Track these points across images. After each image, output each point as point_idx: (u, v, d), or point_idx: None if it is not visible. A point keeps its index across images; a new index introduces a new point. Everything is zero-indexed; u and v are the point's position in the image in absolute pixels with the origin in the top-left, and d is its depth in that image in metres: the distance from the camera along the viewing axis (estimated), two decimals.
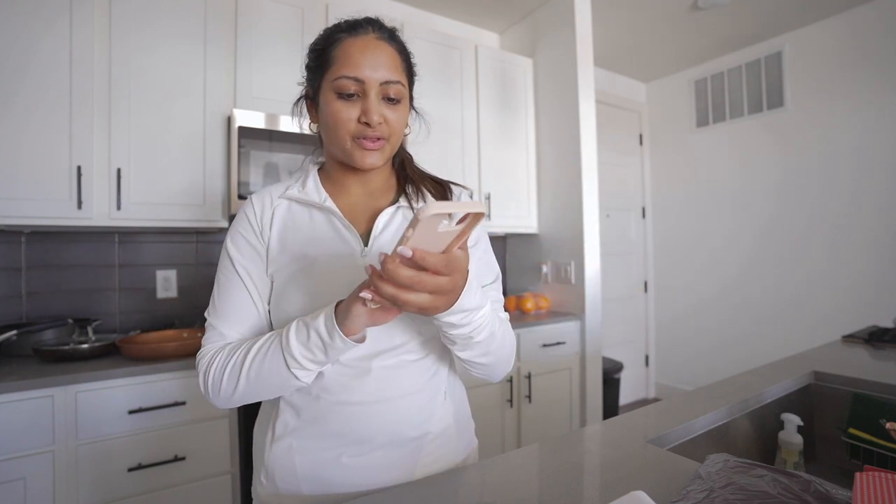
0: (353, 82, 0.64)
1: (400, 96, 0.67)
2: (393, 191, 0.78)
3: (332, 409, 0.66)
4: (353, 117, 0.65)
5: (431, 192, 0.77)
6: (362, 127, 0.65)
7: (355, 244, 0.69)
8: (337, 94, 0.65)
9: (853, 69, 2.63)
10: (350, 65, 0.64)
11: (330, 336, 0.55)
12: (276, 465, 0.68)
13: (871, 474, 0.54)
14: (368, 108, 0.64)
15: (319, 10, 1.95)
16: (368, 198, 0.75)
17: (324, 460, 0.66)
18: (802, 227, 2.85)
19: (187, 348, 1.49)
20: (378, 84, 0.65)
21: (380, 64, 0.65)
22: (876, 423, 0.94)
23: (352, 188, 0.74)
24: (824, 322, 2.71)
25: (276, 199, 0.72)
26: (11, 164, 1.42)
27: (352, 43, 0.65)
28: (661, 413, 0.89)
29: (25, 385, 1.23)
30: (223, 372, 0.63)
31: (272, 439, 0.69)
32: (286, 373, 0.59)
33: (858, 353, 1.34)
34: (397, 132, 0.69)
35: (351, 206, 0.73)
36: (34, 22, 1.45)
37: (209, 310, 0.70)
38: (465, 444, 0.78)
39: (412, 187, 0.76)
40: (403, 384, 0.68)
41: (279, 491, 0.68)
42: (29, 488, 1.23)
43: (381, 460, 0.67)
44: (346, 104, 0.65)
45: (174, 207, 1.67)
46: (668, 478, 0.61)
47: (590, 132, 2.41)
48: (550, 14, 2.52)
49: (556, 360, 2.28)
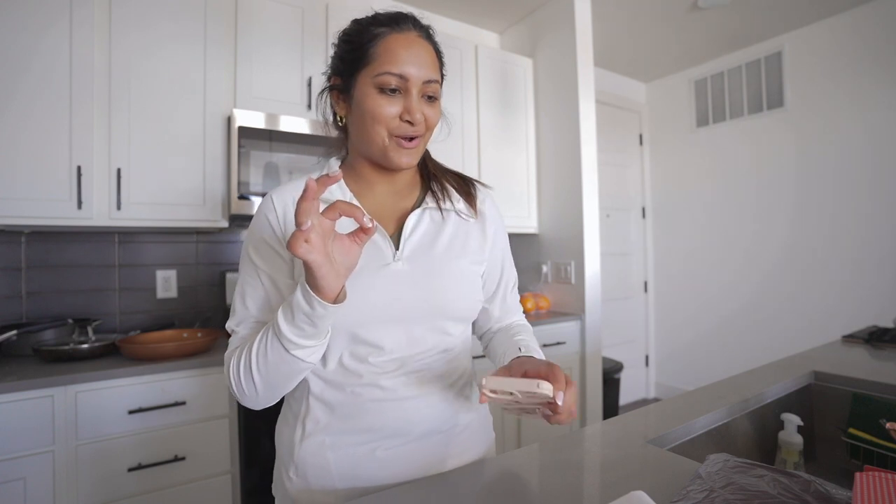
0: (396, 79, 0.63)
1: (437, 95, 0.68)
2: (417, 188, 0.76)
3: (367, 406, 0.66)
4: (394, 114, 0.64)
5: (455, 186, 0.77)
6: (403, 125, 0.65)
7: (387, 248, 0.68)
8: (378, 89, 0.63)
9: (853, 69, 2.62)
10: (395, 61, 0.63)
11: (310, 305, 0.53)
12: (307, 462, 0.67)
13: (871, 474, 0.54)
14: (411, 106, 0.64)
15: (319, 10, 1.95)
16: (395, 197, 0.74)
17: (358, 455, 0.67)
18: (802, 227, 2.85)
19: (187, 348, 1.49)
20: (421, 82, 0.64)
21: (423, 62, 0.65)
22: (876, 423, 0.94)
23: (377, 186, 0.73)
24: (824, 322, 2.71)
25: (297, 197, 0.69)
26: (11, 164, 1.42)
27: (396, 39, 0.64)
28: (661, 413, 0.89)
29: (25, 385, 1.23)
30: (240, 373, 0.61)
31: (302, 436, 0.68)
32: (289, 357, 0.58)
33: (858, 353, 1.34)
34: (432, 130, 0.69)
35: (377, 207, 0.72)
36: (34, 22, 1.45)
37: (231, 317, 0.68)
38: (487, 435, 0.81)
39: (437, 185, 0.75)
40: (435, 380, 0.70)
41: (311, 486, 0.67)
42: (29, 488, 1.23)
43: (414, 453, 0.68)
44: (388, 100, 0.64)
45: (174, 207, 1.67)
46: (668, 478, 0.61)
47: (590, 132, 2.41)
48: (550, 14, 2.52)
49: (557, 360, 2.28)
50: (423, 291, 0.67)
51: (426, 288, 0.68)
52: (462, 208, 0.75)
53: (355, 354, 0.66)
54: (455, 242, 0.73)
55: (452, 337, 0.72)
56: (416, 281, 0.67)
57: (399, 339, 0.67)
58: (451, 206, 0.74)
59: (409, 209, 0.73)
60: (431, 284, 0.68)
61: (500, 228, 0.81)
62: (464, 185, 0.78)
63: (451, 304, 0.70)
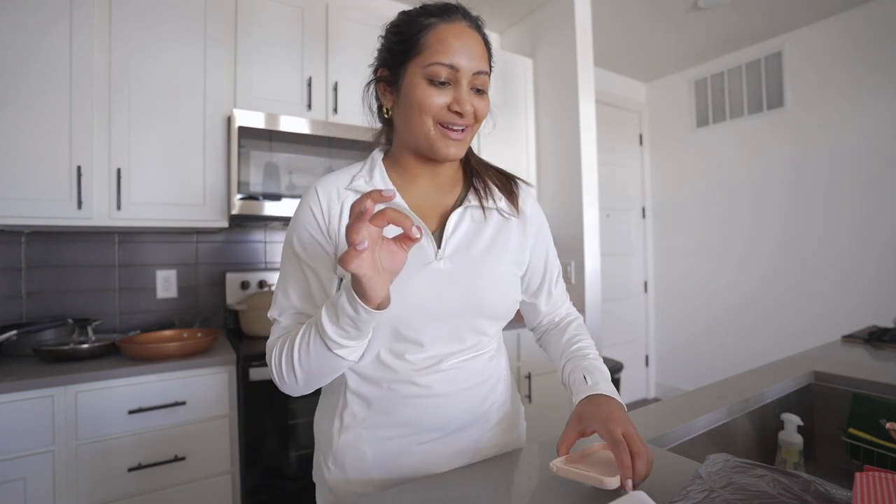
0: (447, 69, 0.63)
1: (486, 87, 0.67)
2: (460, 184, 0.76)
3: (403, 401, 0.67)
4: (443, 104, 0.64)
5: (497, 184, 0.76)
6: (452, 115, 0.64)
7: (429, 245, 0.68)
8: (428, 80, 0.63)
9: (853, 69, 2.62)
10: (445, 51, 0.62)
11: (355, 310, 0.53)
12: (345, 454, 0.69)
13: (871, 474, 0.54)
14: (461, 97, 0.64)
15: (319, 10, 1.95)
16: (437, 192, 0.73)
17: (394, 449, 0.69)
18: (802, 227, 2.84)
19: (187, 348, 1.49)
20: (471, 73, 0.64)
21: (473, 53, 0.64)
22: (876, 423, 0.94)
23: (420, 180, 0.72)
24: (824, 322, 2.71)
25: (342, 190, 0.69)
26: (12, 164, 1.42)
27: (447, 29, 0.64)
28: (661, 413, 0.89)
29: (25, 385, 1.23)
30: (281, 364, 0.62)
31: (340, 429, 0.70)
32: (331, 355, 0.58)
33: (858, 353, 1.34)
34: (480, 122, 0.69)
35: (420, 202, 0.72)
36: (35, 22, 1.45)
37: (273, 307, 0.69)
38: (519, 428, 0.82)
39: (480, 182, 0.75)
40: (471, 376, 0.71)
41: (349, 477, 0.69)
42: (29, 488, 1.23)
43: (449, 447, 0.70)
44: (438, 90, 0.63)
45: (174, 207, 1.67)
46: (668, 478, 0.61)
47: (590, 132, 2.41)
48: (550, 14, 2.52)
49: None
50: (463, 291, 0.68)
51: (466, 287, 0.68)
52: (504, 206, 0.75)
53: (394, 351, 0.67)
54: (496, 242, 0.73)
55: (489, 336, 0.73)
56: (456, 280, 0.68)
57: (437, 336, 0.68)
58: (494, 204, 0.74)
59: (450, 206, 0.73)
60: (471, 284, 0.69)
61: (542, 225, 0.82)
62: (506, 182, 0.78)
63: (489, 303, 0.71)
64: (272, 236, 2.15)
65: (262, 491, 1.52)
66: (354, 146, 1.89)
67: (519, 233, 0.76)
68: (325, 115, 1.94)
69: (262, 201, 1.72)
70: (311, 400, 1.61)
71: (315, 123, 1.83)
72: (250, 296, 1.86)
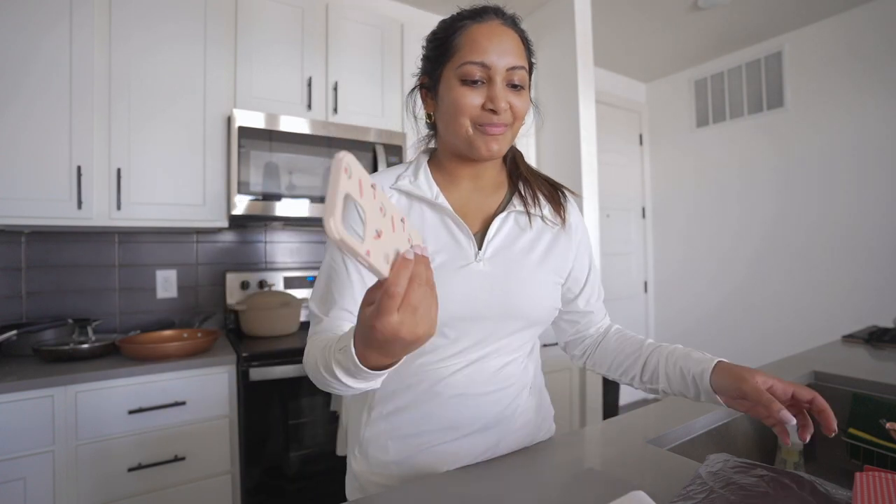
0: (479, 68, 0.63)
1: (524, 83, 0.66)
2: (504, 188, 0.76)
3: (428, 400, 0.68)
4: (477, 103, 0.64)
5: (544, 193, 0.76)
6: (487, 114, 0.64)
7: (469, 247, 0.68)
8: (461, 80, 0.63)
9: (853, 69, 2.62)
10: (476, 50, 0.63)
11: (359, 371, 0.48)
12: (369, 445, 0.71)
13: (871, 474, 0.54)
14: (495, 94, 0.63)
15: (319, 10, 1.95)
16: (479, 194, 0.74)
17: (414, 445, 0.69)
18: (802, 227, 2.84)
19: (187, 348, 1.49)
20: (504, 70, 0.64)
21: (505, 50, 0.64)
22: (876, 423, 0.94)
23: (462, 182, 0.73)
24: (824, 322, 2.71)
25: (387, 188, 0.70)
26: (12, 164, 1.42)
27: (477, 29, 0.64)
28: (661, 413, 0.89)
29: (25, 385, 1.23)
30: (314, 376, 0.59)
31: (367, 420, 0.71)
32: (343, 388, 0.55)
33: (858, 353, 1.34)
34: (520, 119, 0.68)
35: (462, 204, 0.72)
36: (35, 23, 1.45)
37: (313, 299, 0.69)
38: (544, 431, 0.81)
39: (527, 189, 0.75)
40: (497, 379, 0.70)
41: (371, 468, 0.71)
42: (29, 488, 1.23)
43: (467, 447, 0.70)
44: (471, 90, 0.63)
45: (174, 207, 1.67)
46: (668, 478, 0.61)
47: (590, 132, 2.41)
48: (550, 14, 2.52)
49: (557, 360, 2.28)
50: (500, 293, 0.68)
51: (503, 290, 0.68)
52: (548, 214, 0.75)
53: (425, 349, 0.66)
54: (537, 248, 0.73)
55: (521, 341, 0.73)
56: (494, 282, 0.68)
57: (470, 338, 0.68)
58: (539, 211, 0.74)
59: (493, 209, 0.73)
60: (509, 287, 0.69)
61: (584, 236, 0.81)
62: (553, 192, 0.77)
63: (527, 306, 0.70)
64: (272, 236, 2.15)
65: (262, 491, 1.52)
66: (354, 146, 1.89)
67: (564, 242, 0.76)
68: (325, 115, 1.94)
69: (262, 201, 1.72)
70: (311, 400, 1.61)
71: (315, 123, 1.83)
72: (250, 296, 1.86)
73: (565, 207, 0.77)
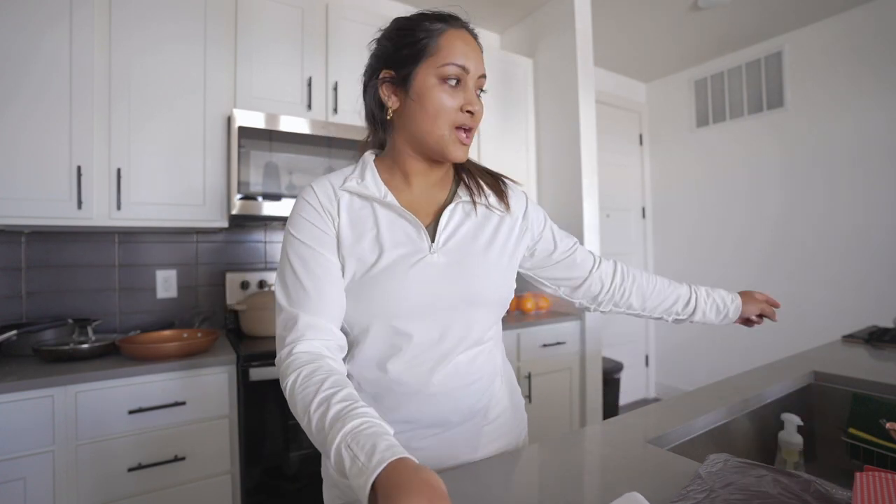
0: (459, 70, 0.67)
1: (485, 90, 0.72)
2: (450, 182, 0.79)
3: (407, 398, 0.69)
4: (456, 106, 0.67)
5: (488, 182, 0.79)
6: (464, 116, 0.68)
7: (423, 240, 0.70)
8: (441, 79, 0.66)
9: (853, 69, 2.62)
10: (457, 53, 0.67)
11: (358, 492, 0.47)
12: None
13: (871, 474, 0.54)
14: (472, 97, 0.68)
15: (319, 10, 1.95)
16: (430, 190, 0.76)
17: None
18: (802, 227, 2.84)
19: (187, 348, 1.49)
20: (477, 76, 0.69)
21: (478, 57, 0.69)
22: (876, 423, 0.93)
23: (415, 179, 0.74)
24: (824, 322, 2.71)
25: (338, 189, 0.71)
26: (12, 164, 1.42)
27: (455, 34, 0.68)
28: (661, 413, 0.89)
29: (25, 385, 1.23)
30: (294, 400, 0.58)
31: None
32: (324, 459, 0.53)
33: (858, 353, 1.34)
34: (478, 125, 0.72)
35: (412, 200, 0.74)
36: (35, 22, 1.45)
37: (284, 300, 0.66)
38: (520, 425, 0.85)
39: (470, 180, 0.78)
40: (472, 372, 0.73)
41: None
42: (29, 488, 1.23)
43: (447, 442, 0.73)
44: (451, 91, 0.67)
45: (174, 207, 1.67)
46: (668, 478, 0.61)
47: (590, 132, 2.41)
48: (550, 14, 2.52)
49: (557, 360, 2.28)
50: (458, 280, 0.70)
51: (460, 278, 0.70)
52: (493, 202, 0.78)
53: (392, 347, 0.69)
54: (486, 233, 0.76)
55: (484, 327, 0.74)
56: (450, 271, 0.70)
57: (434, 331, 0.69)
58: (484, 200, 0.77)
59: (443, 202, 0.75)
60: (465, 274, 0.71)
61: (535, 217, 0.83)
62: (493, 181, 0.81)
63: (484, 292, 0.72)
64: (272, 236, 2.15)
65: (262, 491, 1.52)
66: (354, 146, 1.89)
67: (508, 226, 0.79)
68: (325, 115, 1.94)
69: (261, 201, 1.72)
70: None
71: (315, 123, 1.83)
72: (250, 296, 1.86)
73: (505, 192, 0.80)
